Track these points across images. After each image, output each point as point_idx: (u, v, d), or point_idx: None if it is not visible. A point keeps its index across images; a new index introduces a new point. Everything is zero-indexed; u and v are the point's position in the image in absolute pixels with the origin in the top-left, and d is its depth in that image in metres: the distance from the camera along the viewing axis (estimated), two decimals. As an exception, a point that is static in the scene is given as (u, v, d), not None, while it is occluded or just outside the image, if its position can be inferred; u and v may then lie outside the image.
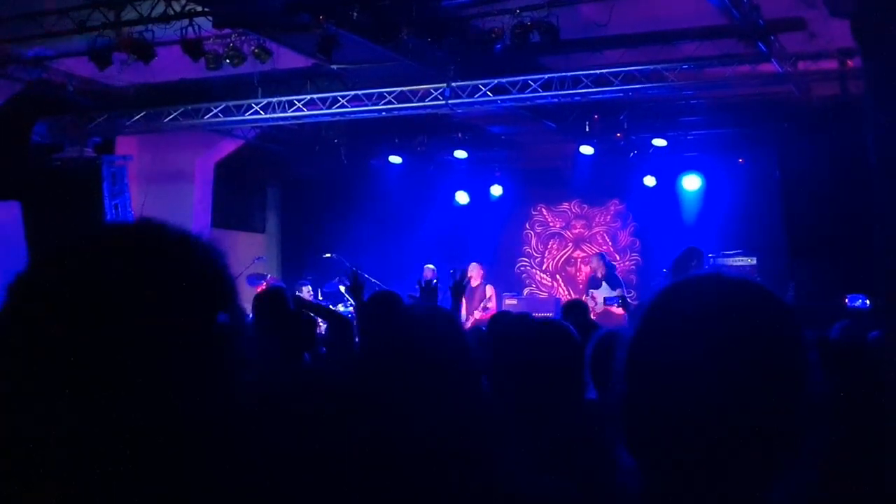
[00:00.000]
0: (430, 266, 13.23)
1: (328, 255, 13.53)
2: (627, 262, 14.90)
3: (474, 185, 15.40)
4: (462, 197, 15.53)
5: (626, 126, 12.89)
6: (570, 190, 15.12)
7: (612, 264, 12.92)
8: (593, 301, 11.43)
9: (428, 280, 5.68)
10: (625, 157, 13.77)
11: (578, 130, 12.97)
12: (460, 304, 5.90)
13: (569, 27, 8.72)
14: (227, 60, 9.46)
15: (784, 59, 9.66)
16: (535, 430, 2.44)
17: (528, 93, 10.36)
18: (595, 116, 12.80)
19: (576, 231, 15.46)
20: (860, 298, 10.06)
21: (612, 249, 14.92)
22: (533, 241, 15.73)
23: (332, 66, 9.81)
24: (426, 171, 15.34)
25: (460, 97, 10.56)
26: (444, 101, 10.61)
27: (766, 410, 1.19)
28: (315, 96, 11.21)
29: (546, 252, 15.63)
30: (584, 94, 10.32)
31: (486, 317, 11.50)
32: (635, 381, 1.27)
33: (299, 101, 11.25)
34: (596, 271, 12.33)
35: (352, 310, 12.39)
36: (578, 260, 15.37)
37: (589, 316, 7.82)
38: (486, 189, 15.37)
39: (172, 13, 8.63)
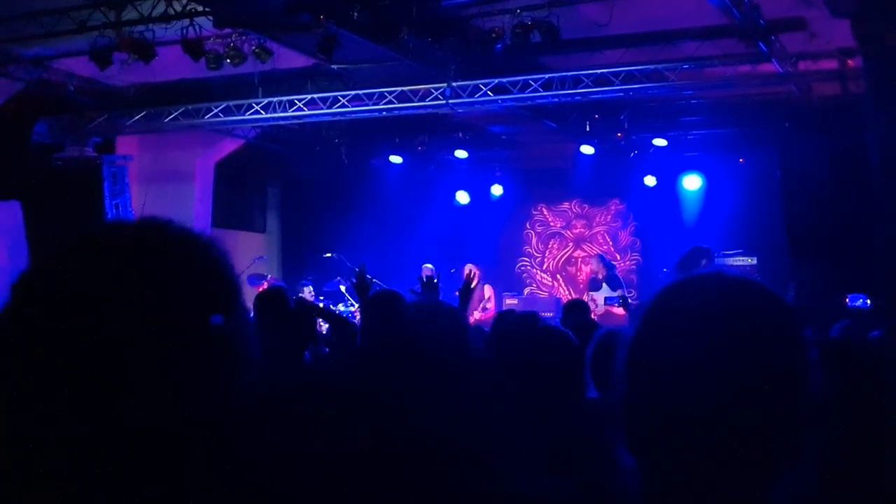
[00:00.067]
0: (429, 265, 13.22)
1: (328, 254, 13.53)
2: (628, 262, 14.90)
3: (475, 184, 15.40)
4: (462, 197, 15.53)
5: (626, 126, 12.89)
6: (570, 190, 15.12)
7: (612, 265, 12.91)
8: (594, 304, 11.40)
9: (429, 276, 5.66)
10: (625, 156, 13.77)
11: (579, 130, 12.96)
12: (468, 306, 5.88)
13: (569, 27, 8.72)
14: (228, 60, 9.46)
15: (784, 58, 9.66)
16: (536, 429, 2.44)
17: (529, 92, 10.35)
18: (595, 116, 12.80)
19: (576, 231, 15.46)
20: (861, 298, 10.06)
21: (612, 249, 14.92)
22: (533, 240, 15.73)
23: (333, 65, 9.81)
24: (427, 170, 15.34)
25: (461, 97, 10.55)
26: (444, 101, 10.60)
27: (767, 410, 1.19)
28: (315, 96, 11.21)
29: (546, 252, 15.64)
30: (585, 94, 10.32)
31: (486, 317, 11.51)
32: (636, 380, 1.26)
33: (300, 100, 11.24)
34: (596, 273, 12.30)
35: (352, 310, 12.42)
36: (579, 260, 15.37)
37: (590, 315, 7.82)
38: (486, 189, 15.37)
39: (173, 13, 8.63)
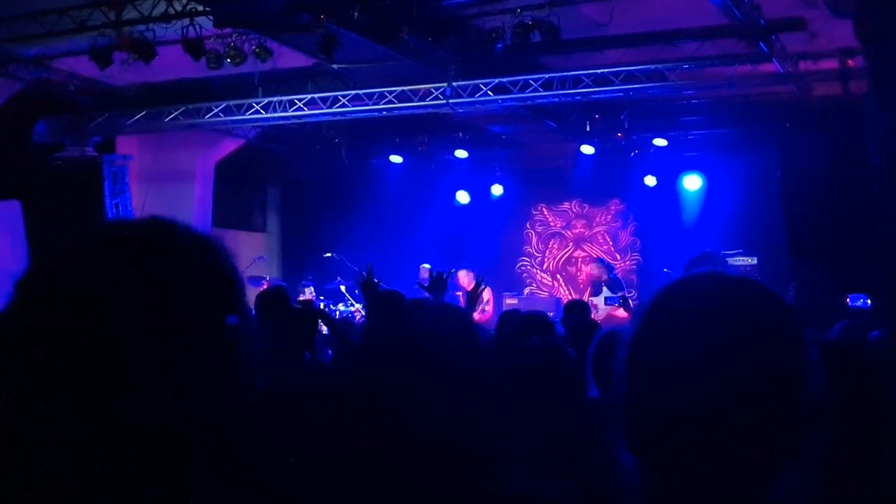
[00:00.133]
0: (426, 266, 13.23)
1: (329, 254, 13.53)
2: (628, 262, 14.90)
3: (475, 184, 15.40)
4: (463, 196, 15.53)
5: (626, 126, 12.88)
6: (570, 189, 15.12)
7: (612, 267, 12.91)
8: (595, 309, 11.41)
9: (439, 272, 5.61)
10: (625, 156, 13.77)
11: (579, 130, 12.96)
12: (474, 309, 5.87)
13: (569, 27, 8.72)
14: (228, 60, 9.46)
15: (785, 58, 9.66)
16: (536, 429, 2.44)
17: (529, 92, 10.35)
18: (596, 116, 12.80)
19: (576, 231, 15.46)
20: (861, 298, 10.05)
21: (612, 249, 14.93)
22: (533, 240, 15.73)
23: (333, 65, 9.80)
24: (427, 170, 15.33)
25: (461, 96, 10.55)
26: (444, 101, 10.60)
27: (767, 410, 1.19)
28: (316, 96, 11.21)
29: (547, 252, 15.64)
30: (585, 94, 10.32)
31: (484, 318, 11.50)
32: (636, 380, 1.26)
33: (300, 100, 11.24)
34: (599, 277, 12.32)
35: (352, 309, 12.43)
36: (579, 260, 15.37)
37: (590, 315, 7.82)
38: (486, 188, 15.36)
39: (173, 12, 8.63)
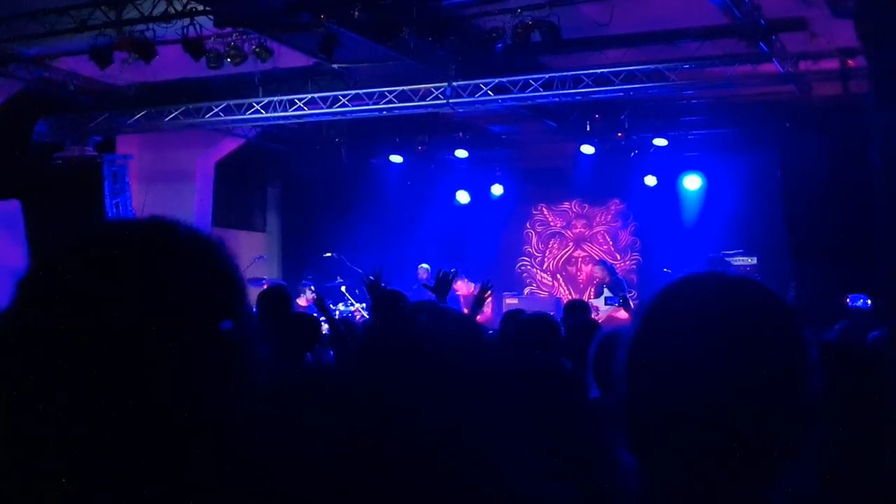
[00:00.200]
0: (425, 266, 13.24)
1: (329, 254, 13.54)
2: (628, 262, 14.90)
3: (475, 184, 15.40)
4: (463, 196, 15.53)
5: (626, 125, 12.88)
6: (570, 189, 15.12)
7: (614, 268, 12.91)
8: (595, 311, 11.43)
9: (445, 272, 5.61)
10: (626, 156, 13.77)
11: (579, 130, 12.96)
12: (478, 313, 5.88)
13: (570, 26, 8.71)
14: (228, 59, 9.46)
15: (785, 58, 9.66)
16: (537, 430, 2.44)
17: (529, 92, 10.36)
18: (596, 116, 12.80)
19: (576, 230, 15.46)
20: (861, 298, 10.06)
21: (612, 249, 14.93)
22: (534, 240, 15.73)
23: (333, 65, 9.80)
24: (427, 170, 15.33)
25: (461, 96, 10.56)
26: (445, 101, 10.60)
27: (767, 410, 1.18)
28: (316, 95, 11.21)
29: (547, 251, 15.64)
30: (585, 94, 10.32)
31: (483, 319, 11.50)
32: (636, 380, 1.26)
33: (300, 100, 11.25)
34: (602, 280, 12.34)
35: (352, 309, 12.44)
36: (579, 259, 15.37)
37: (590, 316, 7.82)
38: (486, 188, 15.36)
39: (173, 12, 8.64)
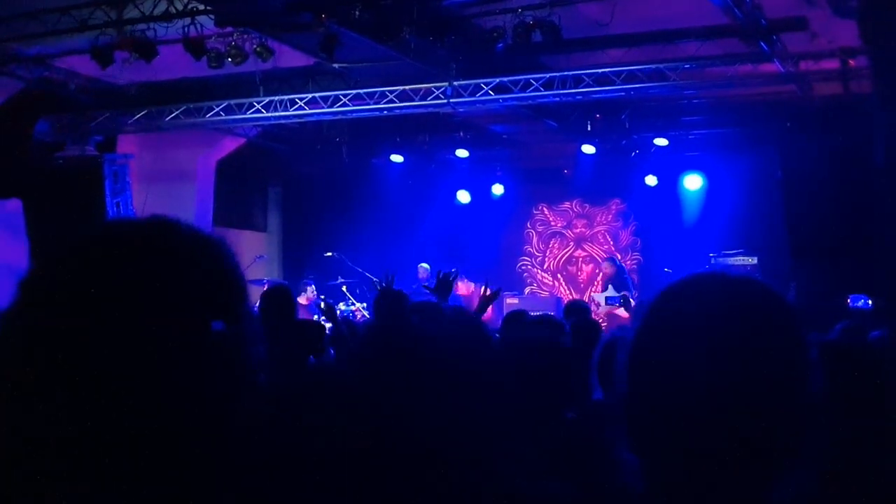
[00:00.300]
0: (425, 265, 13.23)
1: (329, 253, 13.54)
2: (628, 262, 14.88)
3: (476, 183, 15.39)
4: (463, 196, 15.52)
5: (627, 125, 12.88)
6: (571, 189, 15.13)
7: (623, 268, 12.90)
8: (595, 305, 11.45)
9: (445, 273, 5.62)
10: (626, 156, 13.76)
11: (580, 129, 12.96)
12: (484, 313, 5.89)
13: (570, 26, 8.71)
14: (229, 59, 9.46)
15: (786, 58, 9.65)
16: (538, 430, 2.44)
17: (530, 92, 10.35)
18: (597, 116, 12.80)
19: (577, 230, 15.46)
20: (862, 298, 10.06)
21: (613, 249, 14.92)
22: (534, 240, 15.73)
23: (334, 64, 9.80)
24: (427, 169, 15.33)
25: (462, 96, 10.55)
26: (445, 100, 10.60)
27: (767, 410, 1.18)
28: (317, 95, 11.21)
29: (547, 251, 15.63)
30: (586, 94, 10.32)
31: (483, 318, 11.52)
32: (636, 380, 1.26)
33: (301, 99, 11.25)
34: (609, 276, 12.37)
35: (353, 309, 12.44)
36: (580, 259, 15.37)
37: (590, 316, 7.82)
38: (487, 188, 15.36)
39: (174, 11, 8.64)
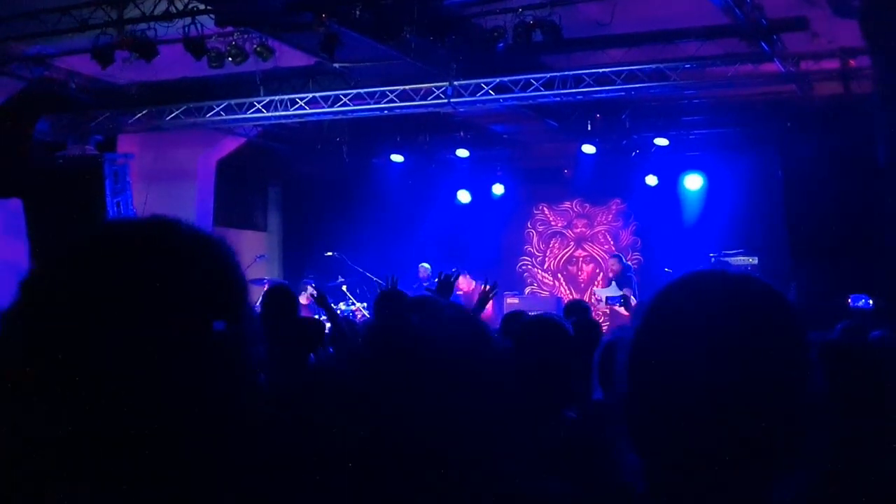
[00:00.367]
0: (426, 265, 13.23)
1: (330, 253, 13.54)
2: (629, 262, 14.88)
3: (476, 183, 15.39)
4: (464, 196, 15.52)
5: (627, 125, 12.88)
6: (571, 189, 15.13)
7: (629, 267, 12.90)
8: (596, 300, 11.47)
9: (446, 275, 5.64)
10: (627, 156, 13.77)
11: (580, 129, 12.96)
12: (482, 311, 5.91)
13: (571, 26, 8.71)
14: (230, 58, 9.46)
15: (786, 58, 9.65)
16: (538, 430, 2.44)
17: (531, 91, 10.35)
18: (597, 115, 12.79)
19: (577, 230, 15.46)
20: (862, 298, 10.05)
21: (613, 249, 14.92)
22: (534, 239, 15.73)
23: (335, 64, 9.80)
24: (428, 169, 15.33)
25: (462, 96, 10.55)
26: (446, 100, 10.60)
27: (767, 410, 1.18)
28: (317, 94, 11.21)
29: (548, 251, 15.63)
30: (587, 93, 10.32)
31: (484, 316, 11.52)
32: (636, 380, 1.26)
33: (301, 99, 11.25)
34: (615, 273, 12.39)
35: (353, 308, 12.44)
36: (580, 259, 15.37)
37: (590, 315, 7.82)
38: (487, 188, 15.36)
39: (175, 11, 8.63)
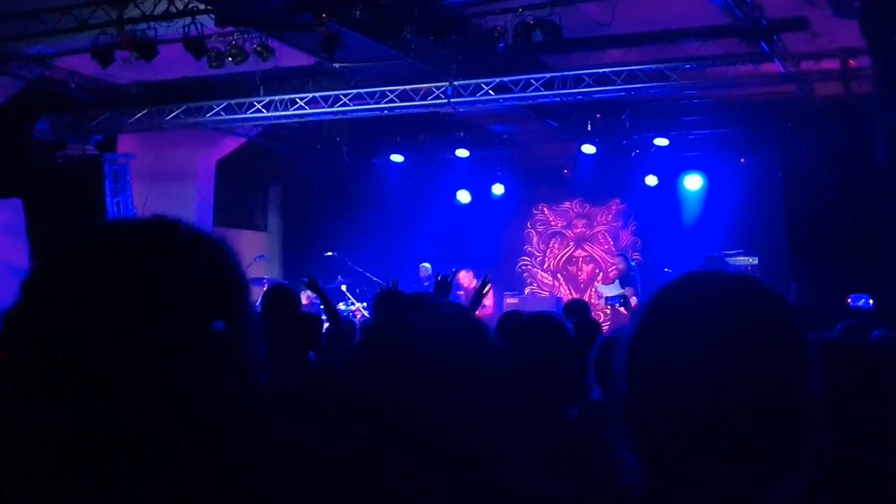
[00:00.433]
0: (426, 265, 13.24)
1: (330, 253, 13.54)
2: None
3: (476, 183, 15.39)
4: (464, 196, 15.52)
5: (628, 125, 12.88)
6: (571, 189, 15.13)
7: (634, 267, 12.91)
8: (598, 296, 11.51)
9: (444, 276, 5.66)
10: (627, 156, 13.77)
11: (580, 129, 12.96)
12: (478, 307, 5.92)
13: (571, 26, 8.71)
14: (230, 58, 9.46)
15: (786, 58, 9.65)
16: (538, 429, 2.44)
17: (531, 91, 10.35)
18: (597, 115, 12.80)
19: (577, 230, 15.46)
20: (863, 298, 10.05)
21: (613, 248, 14.92)
22: (534, 240, 15.73)
23: (335, 64, 9.80)
24: (428, 169, 15.34)
25: (462, 96, 10.55)
26: (446, 100, 10.60)
27: (767, 410, 1.18)
28: (317, 94, 11.21)
29: (547, 251, 15.63)
30: (587, 93, 10.32)
31: (483, 314, 11.52)
32: (635, 380, 1.26)
33: (301, 99, 11.25)
34: (620, 271, 12.43)
35: (352, 308, 12.44)
36: (580, 259, 15.37)
37: (590, 315, 7.83)
38: (487, 188, 15.36)
39: (175, 11, 8.64)
